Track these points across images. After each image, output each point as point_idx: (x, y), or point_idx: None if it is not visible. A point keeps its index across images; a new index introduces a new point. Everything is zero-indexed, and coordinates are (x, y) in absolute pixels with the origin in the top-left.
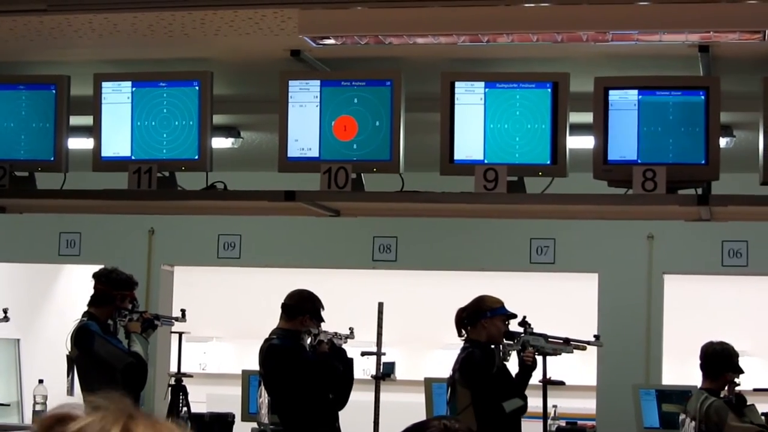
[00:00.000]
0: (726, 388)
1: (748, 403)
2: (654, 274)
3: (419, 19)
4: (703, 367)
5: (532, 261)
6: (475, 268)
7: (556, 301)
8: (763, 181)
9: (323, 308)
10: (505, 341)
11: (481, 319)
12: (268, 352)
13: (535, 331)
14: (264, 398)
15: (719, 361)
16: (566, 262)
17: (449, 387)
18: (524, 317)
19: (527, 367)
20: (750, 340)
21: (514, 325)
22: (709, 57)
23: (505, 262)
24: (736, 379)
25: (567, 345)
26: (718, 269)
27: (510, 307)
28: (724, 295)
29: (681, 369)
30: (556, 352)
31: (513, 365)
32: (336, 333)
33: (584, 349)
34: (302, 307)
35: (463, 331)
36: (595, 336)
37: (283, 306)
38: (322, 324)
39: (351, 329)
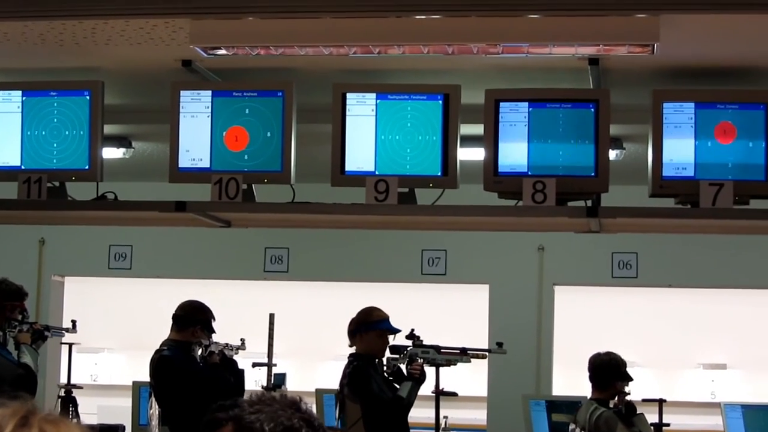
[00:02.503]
0: (616, 398)
1: (637, 412)
2: (544, 286)
3: (310, 31)
4: (591, 377)
5: (424, 272)
6: (367, 279)
7: (449, 312)
8: (652, 193)
9: (214, 319)
10: (390, 355)
11: (369, 330)
12: (158, 363)
13: (425, 343)
14: (155, 410)
15: (606, 371)
16: (457, 273)
17: (338, 401)
18: (412, 330)
19: (415, 380)
20: (639, 351)
21: (401, 339)
22: (599, 70)
23: (397, 273)
24: (625, 389)
25: (464, 355)
26: (608, 281)
27: (402, 318)
28: (614, 307)
29: (571, 380)
30: (450, 363)
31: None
32: (227, 344)
33: (484, 357)
34: (193, 318)
35: (350, 343)
36: (497, 343)
37: (174, 317)
38: (213, 335)
39: (242, 340)
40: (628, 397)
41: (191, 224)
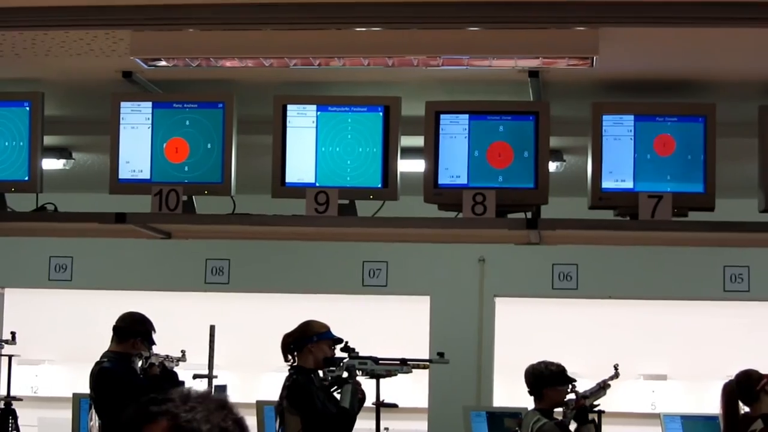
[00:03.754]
0: (565, 406)
1: (589, 420)
2: (485, 297)
3: (251, 43)
4: (528, 389)
5: (365, 284)
6: (308, 291)
7: (391, 324)
8: (592, 205)
9: (155, 331)
10: (326, 368)
11: (308, 344)
12: (98, 375)
13: (361, 354)
14: (95, 422)
15: (538, 379)
16: (398, 284)
17: (278, 414)
18: (346, 342)
19: (353, 386)
20: (580, 362)
21: (337, 351)
22: (539, 82)
23: (338, 284)
24: (567, 396)
25: (404, 365)
26: (549, 292)
27: (343, 330)
28: (555, 318)
29: (512, 391)
30: (390, 374)
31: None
32: (167, 356)
33: (426, 368)
34: (133, 330)
35: (290, 357)
36: (439, 353)
37: (115, 328)
38: (154, 347)
39: (183, 352)
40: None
41: (131, 236)
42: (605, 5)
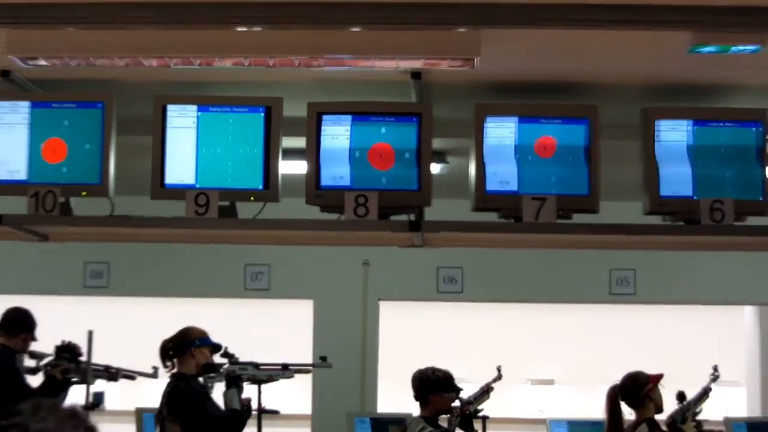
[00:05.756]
0: (449, 414)
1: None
2: (369, 301)
3: (131, 42)
4: (414, 394)
5: (247, 287)
6: (189, 295)
7: (273, 328)
8: (475, 207)
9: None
10: (206, 374)
11: (190, 348)
12: None
13: (241, 360)
14: None
15: (424, 385)
16: (281, 288)
17: (158, 422)
18: (225, 348)
19: (237, 387)
20: (466, 367)
21: (216, 358)
22: (422, 84)
23: (219, 288)
24: (453, 403)
25: (285, 370)
26: (434, 295)
27: (224, 335)
28: (440, 322)
29: (396, 397)
30: (272, 379)
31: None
32: (50, 361)
33: (308, 372)
34: (24, 325)
35: (169, 363)
36: (321, 358)
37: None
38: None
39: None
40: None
41: (7, 238)
42: (486, 7)
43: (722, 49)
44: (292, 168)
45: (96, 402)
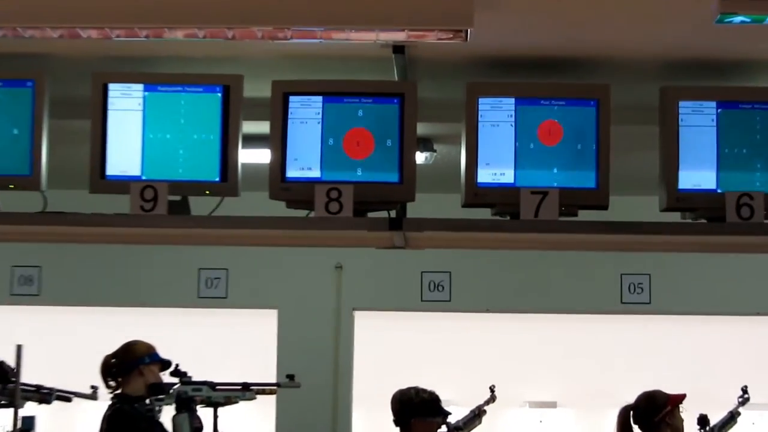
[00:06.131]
0: None
1: None
2: (343, 311)
3: (66, 10)
4: (394, 418)
5: (201, 295)
6: (134, 304)
7: (232, 342)
8: (466, 202)
9: None
10: (153, 396)
11: (137, 366)
12: None
13: (194, 379)
14: None
15: (406, 407)
16: (240, 296)
17: None
18: (176, 365)
19: (190, 411)
20: (455, 387)
21: (165, 376)
22: (406, 59)
23: (168, 296)
24: (440, 428)
25: (246, 390)
26: (417, 305)
27: (175, 350)
28: (425, 335)
29: (373, 420)
30: (230, 401)
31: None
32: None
33: (273, 393)
34: None
35: (112, 383)
36: (288, 376)
37: None
38: None
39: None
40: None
41: None
42: None
43: (755, 19)
44: (253, 157)
45: (26, 428)
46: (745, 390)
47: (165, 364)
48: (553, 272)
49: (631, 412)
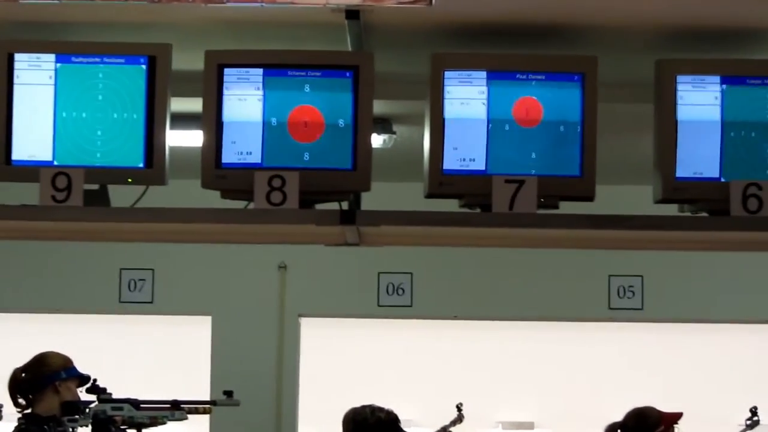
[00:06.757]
0: None
1: None
2: (287, 317)
3: None
4: None
5: (123, 299)
6: (45, 310)
7: (158, 354)
8: (429, 192)
9: None
10: (67, 416)
11: (53, 382)
12: None
13: (114, 397)
14: None
15: (360, 428)
16: (168, 300)
17: None
18: (94, 381)
19: None
20: (418, 406)
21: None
22: (361, 26)
23: (86, 301)
24: None
25: (176, 409)
26: (374, 311)
27: (92, 363)
28: (383, 345)
29: None
30: (156, 422)
31: None
32: None
33: (208, 411)
34: None
35: (22, 401)
36: (225, 392)
37: None
38: None
39: None
40: None
41: None
42: None
43: None
44: (183, 140)
45: None
46: (754, 411)
47: (83, 379)
48: (531, 274)
49: (619, 431)
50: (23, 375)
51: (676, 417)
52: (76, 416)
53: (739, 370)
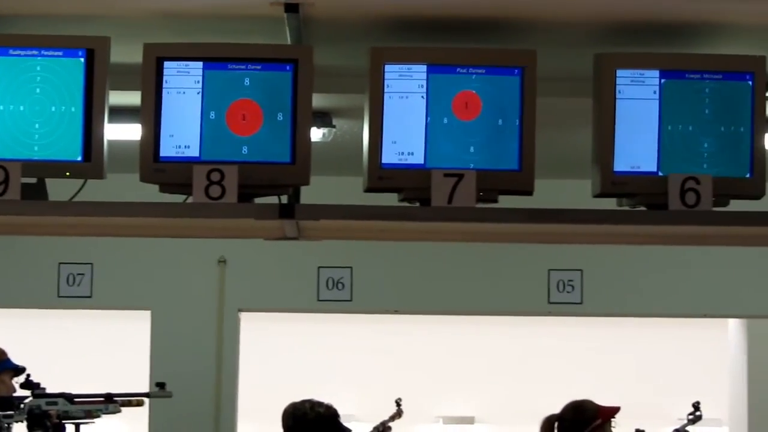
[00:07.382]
0: None
1: None
2: (227, 312)
3: None
4: None
5: (62, 294)
6: None
7: (96, 348)
8: (369, 186)
9: None
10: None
11: None
12: None
13: (48, 392)
14: None
15: (300, 424)
16: (107, 295)
17: None
18: (28, 375)
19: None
20: (357, 400)
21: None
22: (300, 19)
23: (23, 295)
24: None
25: (110, 402)
26: (314, 305)
27: (27, 356)
28: (322, 340)
29: None
30: (91, 415)
31: None
32: None
33: (140, 404)
34: None
35: None
36: (158, 384)
37: None
38: None
39: None
40: None
41: None
42: None
43: None
44: (122, 133)
45: None
46: (696, 406)
47: (18, 371)
48: (470, 268)
49: (556, 424)
50: None
51: (614, 411)
52: (11, 412)
53: (679, 365)
